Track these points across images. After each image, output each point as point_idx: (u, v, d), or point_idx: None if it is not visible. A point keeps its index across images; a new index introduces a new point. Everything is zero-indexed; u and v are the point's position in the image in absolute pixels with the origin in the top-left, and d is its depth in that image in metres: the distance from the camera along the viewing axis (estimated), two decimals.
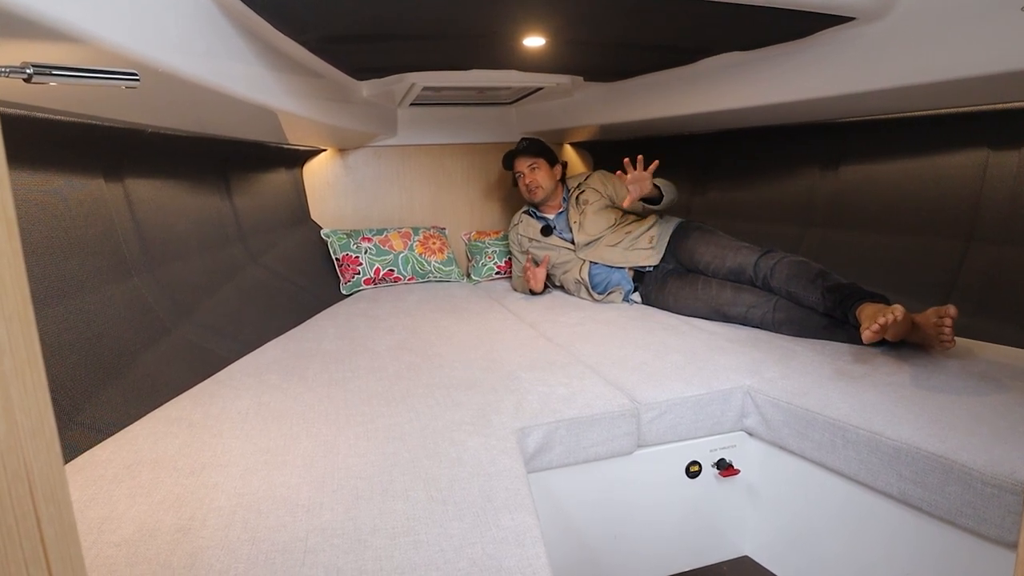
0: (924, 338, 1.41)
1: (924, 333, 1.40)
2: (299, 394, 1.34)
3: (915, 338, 1.44)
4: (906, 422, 1.10)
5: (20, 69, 0.63)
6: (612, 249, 2.21)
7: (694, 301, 1.93)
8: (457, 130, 2.99)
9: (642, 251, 2.15)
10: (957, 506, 0.98)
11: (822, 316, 1.61)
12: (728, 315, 1.82)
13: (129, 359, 1.27)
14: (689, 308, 1.95)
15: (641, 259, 2.14)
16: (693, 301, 1.93)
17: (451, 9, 1.29)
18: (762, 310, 1.74)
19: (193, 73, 1.02)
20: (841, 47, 1.42)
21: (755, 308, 1.75)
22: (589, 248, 2.27)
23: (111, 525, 0.84)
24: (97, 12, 0.75)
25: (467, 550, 0.79)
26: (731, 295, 1.82)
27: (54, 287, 1.13)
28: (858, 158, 1.92)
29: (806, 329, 1.65)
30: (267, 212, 2.35)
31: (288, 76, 1.53)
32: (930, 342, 1.40)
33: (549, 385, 1.36)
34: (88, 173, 1.31)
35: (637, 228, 2.21)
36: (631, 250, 2.17)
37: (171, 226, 1.62)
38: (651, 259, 2.12)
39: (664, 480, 1.35)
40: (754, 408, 1.35)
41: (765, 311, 1.73)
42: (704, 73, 1.84)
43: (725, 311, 1.83)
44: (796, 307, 1.67)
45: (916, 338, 1.43)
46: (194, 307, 1.61)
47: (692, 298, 1.94)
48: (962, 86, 1.29)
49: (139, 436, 1.12)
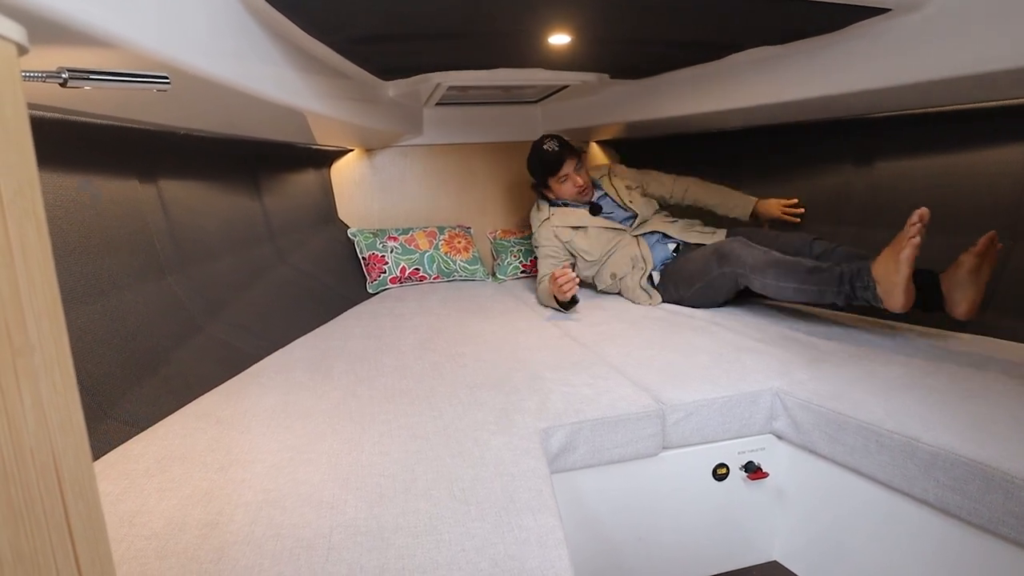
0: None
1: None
2: (325, 392, 1.35)
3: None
4: (944, 426, 1.06)
5: (56, 74, 0.65)
6: (671, 223, 2.18)
7: (700, 253, 1.93)
8: (483, 129, 2.99)
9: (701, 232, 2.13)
10: (999, 515, 0.94)
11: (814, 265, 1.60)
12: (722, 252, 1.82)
13: (162, 356, 1.30)
14: (693, 265, 1.94)
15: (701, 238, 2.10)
16: (699, 254, 1.93)
17: (476, 8, 1.29)
18: (756, 252, 1.74)
19: (222, 76, 1.04)
20: (876, 40, 1.37)
21: (751, 249, 1.76)
22: (641, 227, 2.20)
23: (142, 518, 0.86)
24: (129, 17, 0.77)
25: (489, 550, 0.78)
26: (734, 239, 1.85)
27: (92, 285, 1.16)
28: (894, 154, 1.86)
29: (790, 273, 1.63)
30: (296, 212, 2.39)
31: (315, 77, 1.55)
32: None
33: (573, 385, 1.35)
34: (123, 174, 1.34)
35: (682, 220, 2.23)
36: (691, 229, 2.15)
37: (203, 226, 1.66)
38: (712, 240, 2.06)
39: (690, 483, 1.33)
40: (783, 410, 1.32)
41: (758, 254, 1.72)
42: (733, 69, 1.81)
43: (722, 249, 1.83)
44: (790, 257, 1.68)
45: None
46: (224, 305, 1.64)
47: (700, 251, 1.95)
48: (1003, 79, 1.24)
49: (170, 431, 1.15)
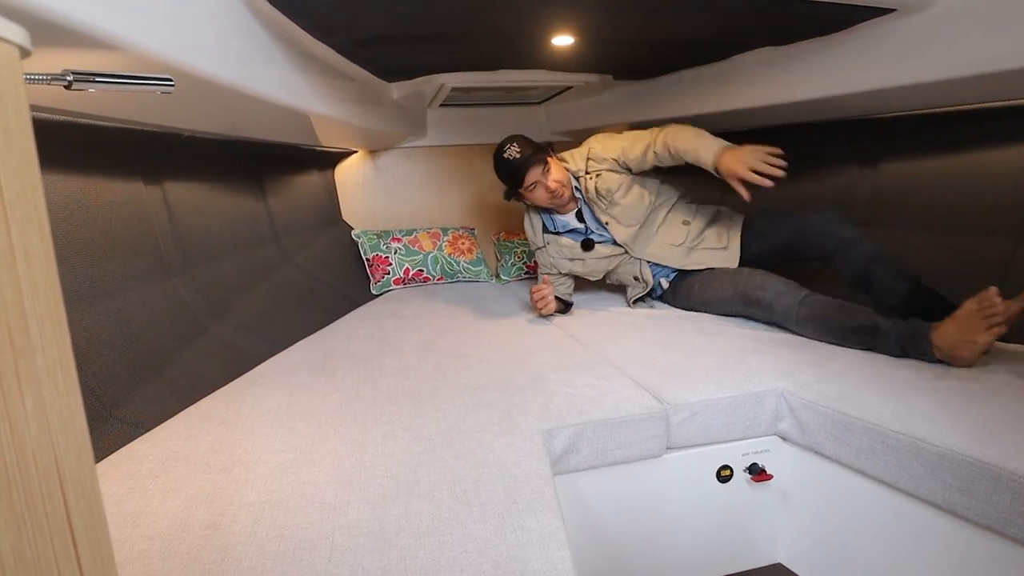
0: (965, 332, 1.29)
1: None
2: (328, 393, 1.36)
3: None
4: (951, 427, 1.05)
5: (61, 76, 0.65)
6: (677, 250, 1.94)
7: (722, 285, 1.79)
8: (486, 130, 2.99)
9: (714, 251, 1.90)
10: (1007, 516, 0.93)
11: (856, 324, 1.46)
12: (750, 299, 1.69)
13: (167, 357, 1.30)
14: (713, 292, 1.81)
15: (716, 260, 1.89)
16: (721, 285, 1.80)
17: (480, 9, 1.29)
18: (787, 300, 1.59)
19: (227, 77, 1.04)
20: (881, 40, 1.37)
21: (782, 296, 1.61)
22: (642, 244, 1.97)
23: (146, 519, 0.86)
24: (133, 20, 0.77)
25: (491, 552, 0.78)
26: (761, 279, 1.68)
27: (96, 287, 1.17)
28: (899, 155, 1.85)
29: (830, 331, 1.51)
30: (300, 213, 2.39)
31: (319, 79, 1.56)
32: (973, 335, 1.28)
33: (576, 386, 1.35)
34: (128, 176, 1.35)
35: (696, 219, 1.94)
36: (698, 250, 1.93)
37: (207, 228, 1.67)
38: (730, 261, 1.87)
39: (694, 484, 1.32)
40: (788, 412, 1.31)
41: (790, 303, 1.59)
42: (738, 69, 1.80)
43: (749, 295, 1.69)
44: (826, 306, 1.53)
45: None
46: (229, 307, 1.64)
47: (722, 280, 1.80)
48: (1010, 79, 1.23)
49: (174, 432, 1.15)
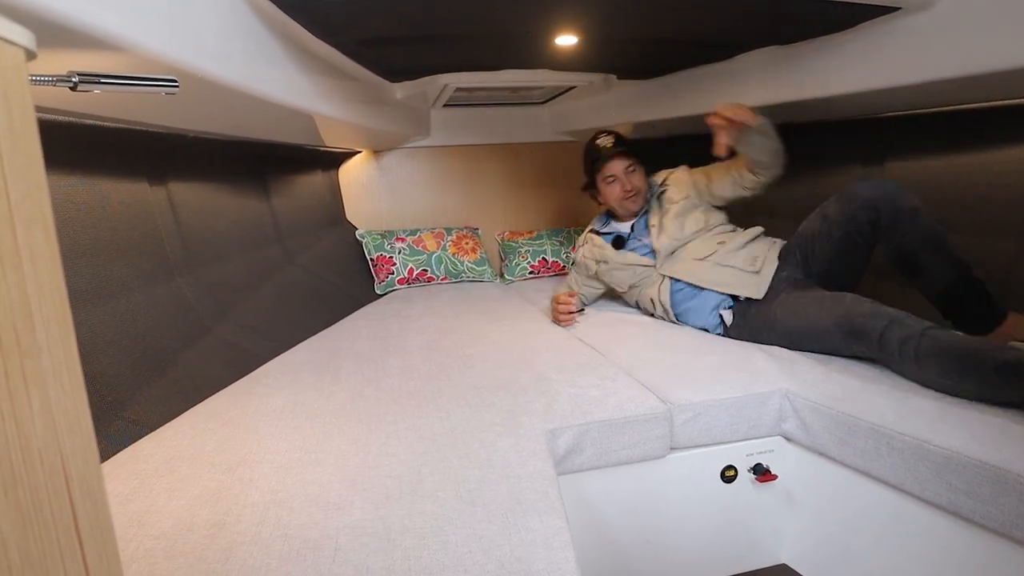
0: None
1: None
2: (332, 393, 1.36)
3: None
4: (956, 429, 1.05)
5: (66, 78, 0.66)
6: (700, 264, 1.72)
7: (818, 312, 1.42)
8: (490, 130, 3.00)
9: (740, 272, 1.66)
10: (1012, 518, 0.92)
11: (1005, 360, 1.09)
12: (856, 329, 1.32)
13: (171, 357, 1.31)
14: (802, 322, 1.46)
15: (738, 285, 1.64)
16: (816, 312, 1.43)
17: (483, 9, 1.29)
18: (905, 331, 1.23)
19: (231, 78, 1.04)
20: (885, 39, 1.36)
21: (898, 325, 1.25)
22: (671, 261, 1.79)
23: (151, 518, 0.86)
24: (138, 21, 0.78)
25: (495, 552, 0.78)
26: (871, 305, 1.33)
27: (102, 287, 1.17)
28: (903, 154, 1.84)
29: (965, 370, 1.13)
30: (304, 213, 2.40)
31: (323, 79, 1.56)
32: None
33: (580, 387, 1.34)
34: (133, 177, 1.35)
35: (733, 239, 1.74)
36: (724, 266, 1.68)
37: (212, 228, 1.67)
38: (752, 290, 1.61)
39: (698, 484, 1.32)
40: (792, 412, 1.31)
41: (909, 333, 1.22)
42: (741, 68, 1.80)
43: (855, 324, 1.32)
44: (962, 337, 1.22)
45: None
46: (233, 307, 1.65)
47: (818, 307, 1.43)
48: (1015, 77, 1.22)
49: (179, 432, 1.16)
